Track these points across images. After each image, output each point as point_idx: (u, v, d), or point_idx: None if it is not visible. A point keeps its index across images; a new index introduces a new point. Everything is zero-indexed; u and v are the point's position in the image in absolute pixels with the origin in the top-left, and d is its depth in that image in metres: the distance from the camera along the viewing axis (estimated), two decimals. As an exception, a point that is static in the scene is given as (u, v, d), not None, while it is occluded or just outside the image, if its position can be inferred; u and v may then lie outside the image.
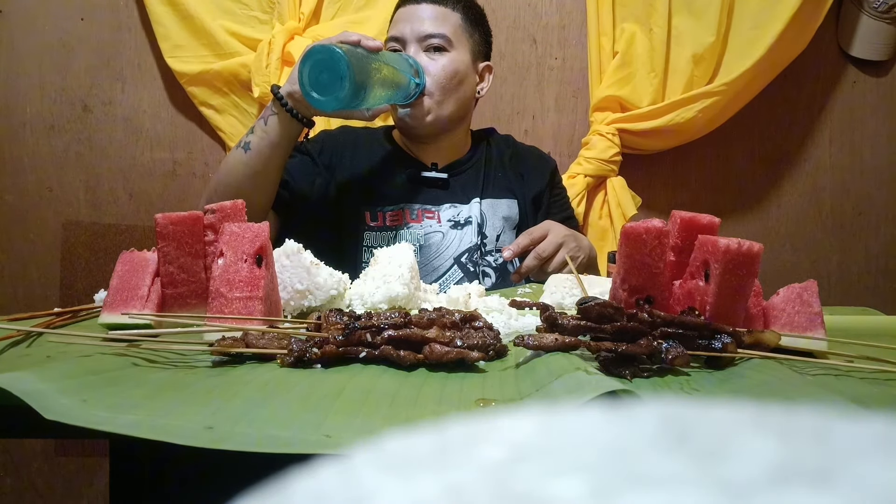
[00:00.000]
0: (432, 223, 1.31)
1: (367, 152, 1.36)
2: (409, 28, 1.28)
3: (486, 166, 1.38)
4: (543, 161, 1.47)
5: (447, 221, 1.31)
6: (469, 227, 1.31)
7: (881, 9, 1.75)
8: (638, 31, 1.71)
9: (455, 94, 1.30)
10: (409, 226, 1.30)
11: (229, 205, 0.77)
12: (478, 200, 1.33)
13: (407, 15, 1.30)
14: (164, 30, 1.68)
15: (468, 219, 1.32)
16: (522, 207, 1.37)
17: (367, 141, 1.38)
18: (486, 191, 1.35)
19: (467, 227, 1.31)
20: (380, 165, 1.35)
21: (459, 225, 1.32)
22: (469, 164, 1.38)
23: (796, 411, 0.15)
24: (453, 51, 1.29)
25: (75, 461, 1.81)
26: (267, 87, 1.58)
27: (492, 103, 1.80)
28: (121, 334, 0.61)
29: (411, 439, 0.15)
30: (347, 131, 1.41)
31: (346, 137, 1.38)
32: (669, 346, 0.59)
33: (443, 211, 1.32)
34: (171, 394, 0.50)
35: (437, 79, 1.27)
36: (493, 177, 1.38)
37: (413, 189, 1.32)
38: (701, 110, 1.68)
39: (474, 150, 1.40)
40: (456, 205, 1.33)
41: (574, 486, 0.12)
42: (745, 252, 0.64)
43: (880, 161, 1.86)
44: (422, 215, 1.31)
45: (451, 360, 0.59)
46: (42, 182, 1.80)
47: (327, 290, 0.77)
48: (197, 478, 0.56)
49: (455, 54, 1.29)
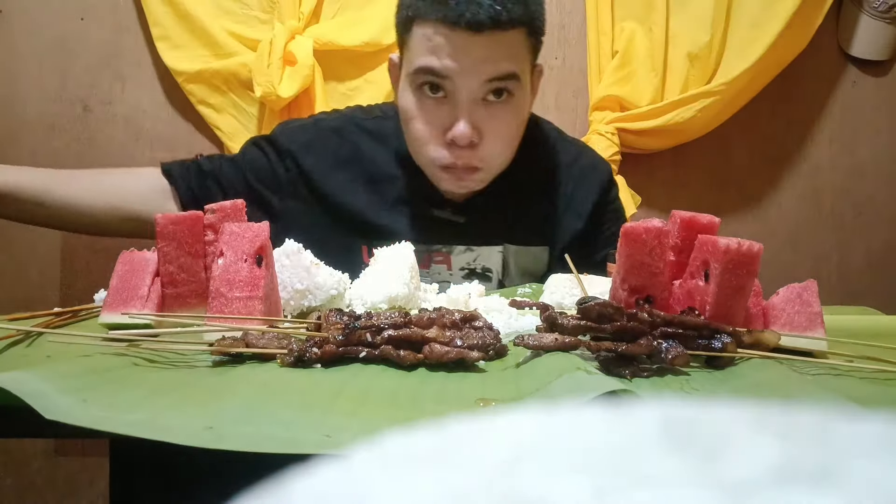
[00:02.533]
0: (441, 269, 1.04)
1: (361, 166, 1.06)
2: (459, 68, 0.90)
3: (514, 200, 1.06)
4: (592, 176, 1.11)
5: (459, 270, 1.05)
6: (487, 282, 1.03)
7: (881, 8, 1.75)
8: (637, 31, 1.71)
9: (514, 144, 1.00)
10: None
11: (229, 205, 0.77)
12: (501, 249, 1.05)
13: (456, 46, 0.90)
14: (162, 30, 1.68)
15: (486, 269, 1.05)
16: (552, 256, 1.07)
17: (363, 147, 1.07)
18: (513, 234, 1.06)
19: (485, 281, 1.01)
20: (385, 190, 1.06)
21: (475, 274, 1.04)
22: (493, 197, 1.04)
23: (796, 411, 0.15)
24: (519, 91, 0.96)
25: (75, 461, 1.81)
26: (269, 86, 1.58)
27: (492, 103, 1.80)
28: (121, 334, 0.61)
29: (411, 439, 0.15)
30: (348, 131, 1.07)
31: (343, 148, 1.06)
32: (669, 346, 0.59)
33: (455, 255, 1.04)
34: (171, 394, 0.50)
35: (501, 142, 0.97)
36: (522, 214, 1.07)
37: (419, 225, 1.05)
38: (700, 110, 1.68)
39: (505, 177, 1.03)
40: (473, 248, 1.05)
41: (574, 486, 0.12)
42: (745, 252, 0.64)
43: (880, 161, 1.86)
44: (429, 260, 1.04)
45: (451, 360, 0.59)
46: (42, 182, 1.80)
47: (327, 290, 0.77)
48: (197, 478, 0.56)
49: (520, 94, 0.96)
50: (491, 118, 0.94)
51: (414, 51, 0.93)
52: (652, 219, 0.68)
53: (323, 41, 1.65)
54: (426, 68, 0.92)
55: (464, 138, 0.93)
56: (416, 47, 0.93)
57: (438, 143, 0.95)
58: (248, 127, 1.70)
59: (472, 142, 0.93)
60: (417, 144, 0.98)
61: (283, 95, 1.57)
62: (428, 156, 0.97)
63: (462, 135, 0.92)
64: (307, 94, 1.65)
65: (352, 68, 1.70)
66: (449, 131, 0.94)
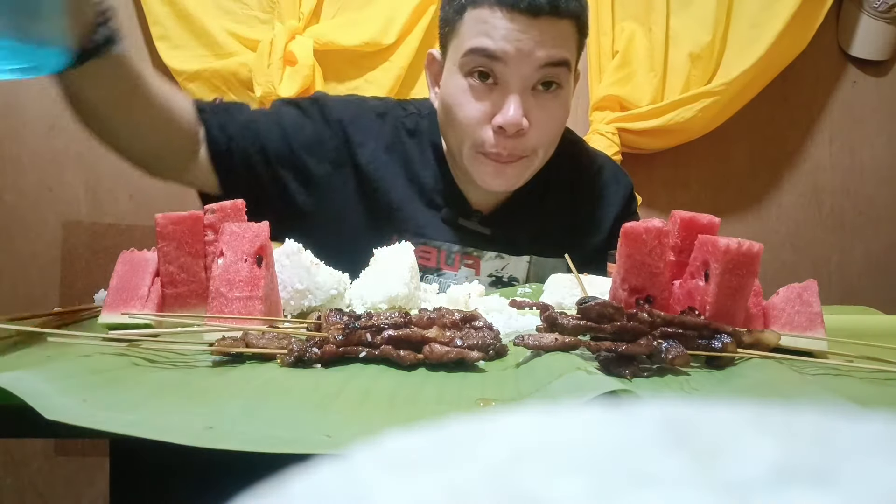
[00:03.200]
0: (470, 274, 1.02)
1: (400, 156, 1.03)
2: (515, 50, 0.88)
3: (538, 213, 1.06)
4: (615, 190, 1.11)
5: (488, 277, 1.03)
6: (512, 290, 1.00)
7: (881, 8, 1.75)
8: (638, 31, 1.71)
9: (556, 140, 0.98)
10: (441, 272, 1.02)
11: (229, 205, 0.77)
12: (528, 259, 1.04)
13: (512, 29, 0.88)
14: (162, 29, 1.68)
15: (512, 278, 1.04)
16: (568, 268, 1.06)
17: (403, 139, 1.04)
18: (538, 246, 1.05)
19: (510, 289, 0.99)
20: (420, 187, 1.03)
21: (501, 283, 1.03)
22: (520, 209, 1.05)
23: (796, 411, 0.15)
24: (567, 85, 0.95)
25: (75, 461, 1.81)
26: (269, 86, 1.58)
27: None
28: (121, 334, 0.61)
29: (411, 439, 0.15)
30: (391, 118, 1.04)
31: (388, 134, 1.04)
32: (669, 346, 0.59)
33: (485, 261, 1.03)
34: (171, 394, 0.50)
35: (546, 137, 0.95)
36: (546, 227, 1.07)
37: (447, 230, 1.03)
38: (701, 110, 1.69)
39: (531, 187, 1.02)
40: (503, 256, 1.04)
41: (574, 486, 0.12)
42: (745, 252, 0.64)
43: (880, 161, 1.86)
44: (459, 261, 1.02)
45: (451, 360, 0.59)
46: (42, 182, 1.80)
47: (327, 290, 0.77)
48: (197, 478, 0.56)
49: (567, 88, 0.95)
50: (540, 108, 0.92)
51: (466, 35, 0.91)
52: (652, 219, 0.68)
53: (323, 41, 1.65)
54: (480, 49, 0.89)
55: (514, 124, 0.90)
56: (469, 31, 0.91)
57: (485, 127, 0.93)
58: (248, 127, 1.70)
59: (520, 129, 0.91)
60: (461, 129, 0.94)
61: (284, 95, 1.57)
62: (473, 139, 0.94)
63: (513, 120, 0.90)
64: (307, 94, 1.65)
65: (352, 68, 1.70)
66: (497, 116, 0.91)
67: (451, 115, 0.96)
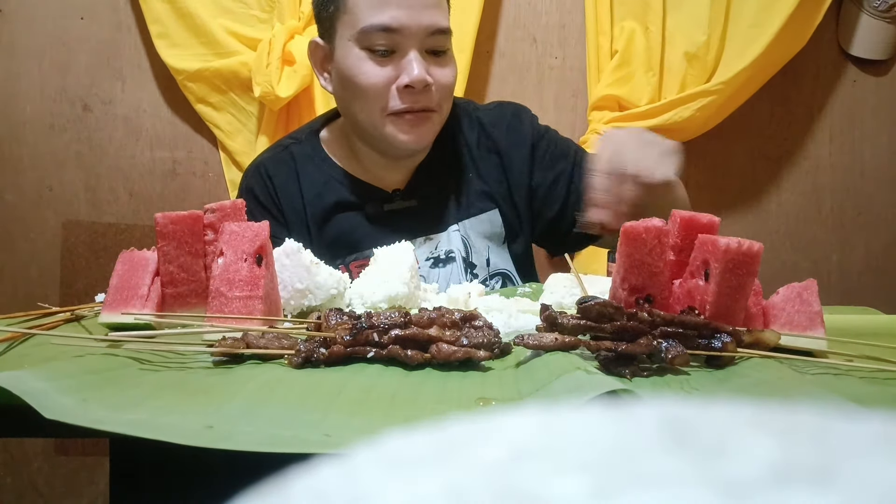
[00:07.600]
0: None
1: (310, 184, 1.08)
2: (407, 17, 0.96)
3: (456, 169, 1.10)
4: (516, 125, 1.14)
5: (425, 261, 1.06)
6: (452, 263, 1.06)
7: (881, 8, 1.75)
8: (637, 30, 1.71)
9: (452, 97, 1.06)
10: None
11: (229, 204, 0.77)
12: (457, 227, 1.08)
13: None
14: (161, 28, 1.68)
15: (449, 253, 1.07)
16: (507, 214, 1.10)
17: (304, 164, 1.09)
18: (463, 209, 1.09)
19: (451, 263, 1.06)
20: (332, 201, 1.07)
21: (440, 262, 1.06)
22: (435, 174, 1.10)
23: (796, 410, 0.15)
24: (450, 48, 1.03)
25: (75, 461, 1.81)
26: (268, 86, 1.57)
27: (492, 103, 1.80)
28: (121, 334, 0.61)
29: (411, 439, 0.15)
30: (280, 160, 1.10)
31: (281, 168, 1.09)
32: (669, 346, 0.59)
33: (417, 248, 1.04)
34: (171, 394, 0.50)
35: (445, 92, 1.02)
36: (468, 180, 1.10)
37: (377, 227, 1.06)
38: (699, 109, 1.68)
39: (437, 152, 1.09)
40: (431, 236, 1.07)
41: (574, 486, 0.12)
42: (745, 251, 0.64)
43: (880, 161, 1.86)
44: None
45: (459, 360, 0.59)
46: (42, 181, 1.80)
47: (327, 290, 0.77)
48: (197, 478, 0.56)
49: (451, 50, 1.04)
50: (437, 67, 1.00)
51: (356, 13, 0.98)
52: (652, 218, 0.68)
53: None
54: (377, 25, 0.96)
55: (420, 80, 0.97)
56: (358, 9, 0.98)
57: (391, 90, 0.99)
58: (247, 125, 1.70)
59: (427, 84, 0.98)
60: (367, 96, 0.99)
61: (282, 95, 1.57)
62: (381, 102, 0.99)
63: (418, 76, 0.97)
64: (306, 94, 1.65)
65: (351, 68, 1.70)
66: (403, 76, 0.98)
67: (354, 86, 1.00)
